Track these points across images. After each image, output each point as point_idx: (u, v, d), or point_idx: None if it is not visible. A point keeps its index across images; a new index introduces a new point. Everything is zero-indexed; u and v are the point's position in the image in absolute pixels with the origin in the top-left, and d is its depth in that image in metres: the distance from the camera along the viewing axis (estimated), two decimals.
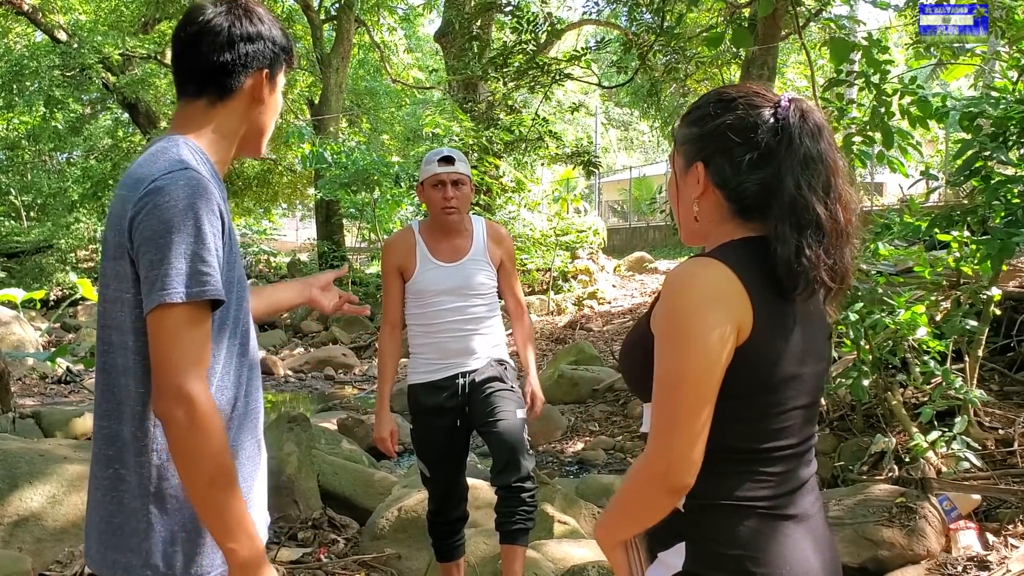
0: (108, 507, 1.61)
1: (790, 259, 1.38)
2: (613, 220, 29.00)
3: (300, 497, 4.71)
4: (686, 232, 1.55)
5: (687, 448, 1.34)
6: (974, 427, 4.80)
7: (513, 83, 11.84)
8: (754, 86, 1.51)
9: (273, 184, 24.86)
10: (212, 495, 1.53)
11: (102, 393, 1.63)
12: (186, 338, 1.50)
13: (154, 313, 1.50)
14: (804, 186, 1.39)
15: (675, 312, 1.36)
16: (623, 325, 11.68)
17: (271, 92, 1.76)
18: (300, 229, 36.89)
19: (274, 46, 1.74)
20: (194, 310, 1.51)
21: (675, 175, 1.55)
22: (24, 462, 4.16)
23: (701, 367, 1.33)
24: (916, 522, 3.93)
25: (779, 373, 1.40)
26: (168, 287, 1.49)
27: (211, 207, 1.54)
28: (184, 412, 1.48)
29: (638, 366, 1.48)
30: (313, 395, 10.60)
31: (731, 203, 1.45)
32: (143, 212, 1.52)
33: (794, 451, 1.44)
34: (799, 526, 1.43)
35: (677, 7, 10.34)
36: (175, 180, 1.53)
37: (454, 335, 3.40)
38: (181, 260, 1.50)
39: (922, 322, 4.66)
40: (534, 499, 3.33)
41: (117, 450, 1.61)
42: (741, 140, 1.42)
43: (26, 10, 18.04)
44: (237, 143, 1.76)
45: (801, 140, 1.40)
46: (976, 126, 4.74)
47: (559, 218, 14.72)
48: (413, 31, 26.04)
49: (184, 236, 1.51)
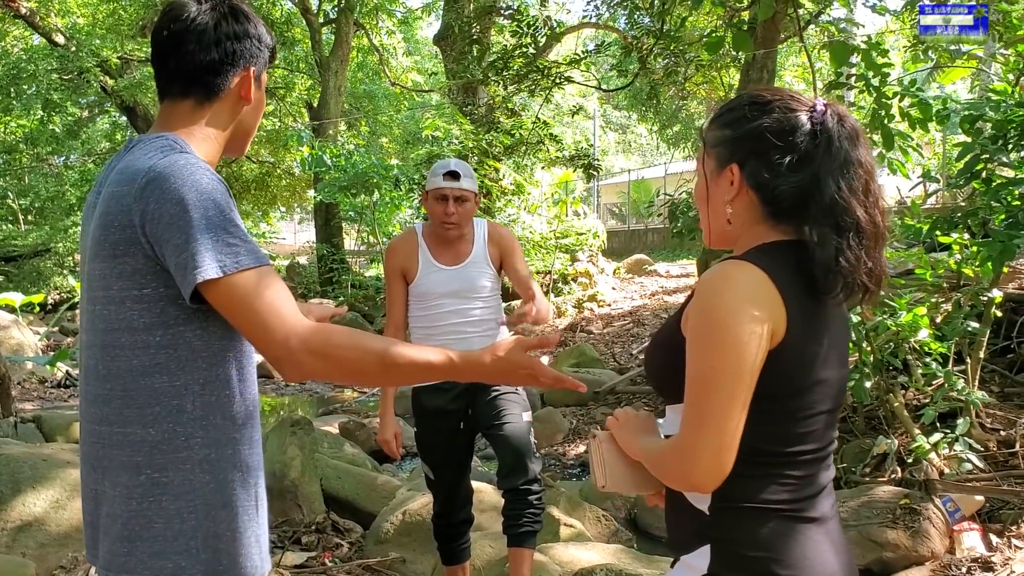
0: (146, 514, 1.55)
1: (830, 262, 1.39)
2: (612, 223, 29.01)
3: (304, 501, 4.72)
4: (716, 235, 1.54)
5: (715, 450, 1.34)
6: (976, 428, 4.81)
7: (513, 86, 11.84)
8: (786, 90, 1.52)
9: (271, 187, 24.88)
10: (399, 374, 1.59)
11: (119, 399, 1.56)
12: (260, 302, 1.47)
13: (208, 293, 1.47)
14: (844, 189, 1.40)
15: (710, 313, 1.36)
16: (623, 327, 11.69)
17: (257, 90, 1.73)
18: (299, 232, 36.87)
19: (260, 44, 1.71)
20: (252, 274, 1.48)
21: (705, 178, 1.54)
22: (27, 467, 4.16)
23: (735, 368, 1.34)
24: (920, 524, 3.94)
25: (808, 377, 1.41)
26: (202, 264, 1.45)
27: (215, 182, 1.52)
28: (312, 357, 1.48)
29: (667, 367, 1.49)
30: (313, 398, 10.60)
31: (766, 205, 1.45)
32: (152, 201, 1.48)
33: (817, 455, 1.45)
34: (819, 528, 1.44)
35: (677, 11, 10.36)
36: (175, 163, 1.51)
37: (456, 337, 3.41)
38: (206, 236, 1.46)
39: (923, 324, 4.67)
40: (541, 502, 3.34)
41: (147, 455, 1.55)
42: (779, 142, 1.42)
43: (24, 13, 18.01)
44: (228, 143, 1.73)
45: (840, 143, 1.41)
46: (977, 129, 4.76)
47: (558, 221, 14.72)
48: (412, 34, 26.05)
49: (201, 212, 1.47)
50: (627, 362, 9.69)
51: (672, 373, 1.44)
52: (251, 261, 1.48)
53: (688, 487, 1.41)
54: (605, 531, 4.73)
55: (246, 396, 1.61)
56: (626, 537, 4.76)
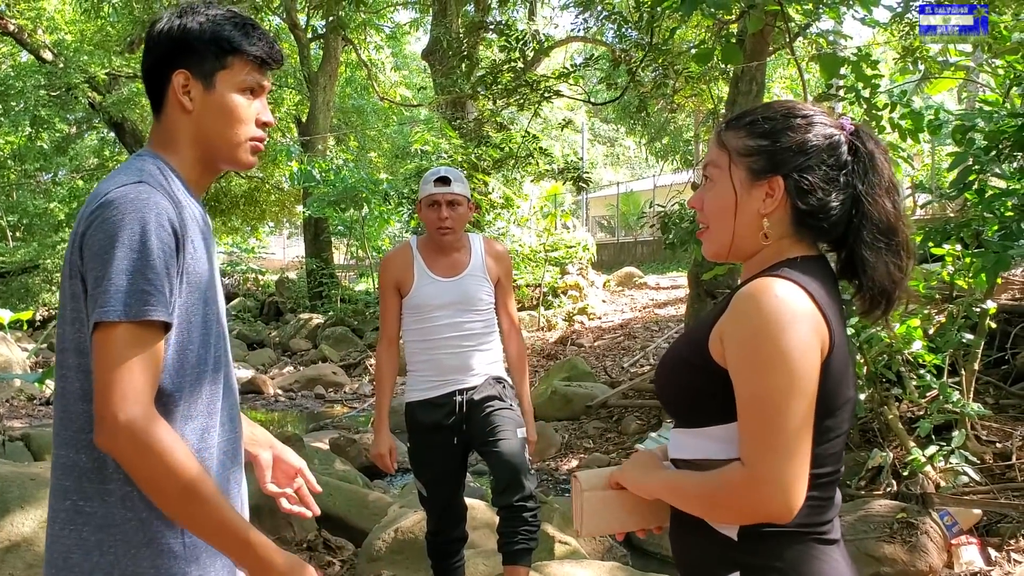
0: (65, 542, 1.48)
1: (884, 280, 1.39)
2: (601, 235, 29.05)
3: (294, 519, 4.65)
4: (735, 248, 1.48)
5: (794, 477, 1.29)
6: (972, 441, 4.79)
7: (502, 101, 11.85)
8: (812, 104, 1.50)
9: (260, 202, 24.79)
10: (192, 512, 1.41)
11: (60, 420, 1.51)
12: (127, 362, 1.38)
13: (95, 333, 1.40)
14: (893, 208, 1.40)
15: (765, 333, 1.31)
16: (614, 340, 11.66)
17: (206, 92, 1.56)
18: (288, 247, 36.78)
19: (196, 40, 1.55)
20: (137, 331, 1.39)
21: (732, 187, 1.46)
22: (15, 486, 4.10)
23: (803, 389, 1.30)
24: (918, 538, 3.91)
25: (842, 395, 1.38)
26: (107, 304, 1.38)
27: (161, 222, 1.43)
28: (127, 439, 1.37)
29: (689, 388, 1.44)
30: (303, 414, 10.52)
31: (807, 220, 1.42)
32: (92, 227, 1.43)
33: (835, 476, 1.42)
34: (838, 550, 1.42)
35: (666, 23, 10.38)
36: (125, 194, 1.43)
37: (451, 351, 3.38)
38: (122, 276, 1.39)
39: (917, 336, 4.66)
40: (536, 519, 3.30)
41: (75, 480, 1.48)
42: (828, 157, 1.41)
43: (12, 30, 17.96)
44: (201, 156, 1.60)
45: (883, 162, 1.42)
46: (969, 139, 4.76)
47: (548, 233, 14.72)
48: (400, 49, 26.10)
49: (127, 251, 1.39)
50: (619, 375, 9.66)
51: (695, 395, 1.41)
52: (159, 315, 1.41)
53: (762, 518, 1.34)
54: (600, 548, 4.69)
55: (188, 437, 1.50)
56: (621, 554, 4.71)
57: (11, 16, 18.12)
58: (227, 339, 1.66)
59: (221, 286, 1.69)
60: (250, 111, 1.61)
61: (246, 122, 1.60)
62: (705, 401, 1.39)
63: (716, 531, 1.40)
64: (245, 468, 1.72)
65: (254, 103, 1.62)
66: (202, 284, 1.53)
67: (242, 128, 1.60)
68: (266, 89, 1.65)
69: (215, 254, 1.65)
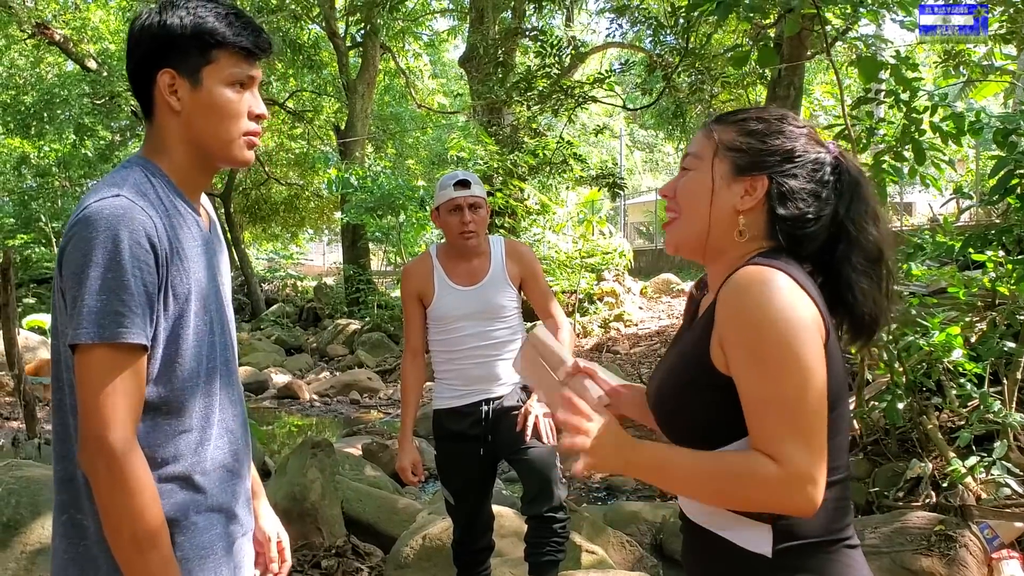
0: (63, 556, 1.47)
1: (872, 307, 1.39)
2: (639, 242, 28.89)
3: (324, 524, 4.65)
4: (697, 242, 1.45)
5: (823, 471, 1.27)
6: (1014, 452, 4.66)
7: (537, 107, 11.84)
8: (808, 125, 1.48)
9: (300, 209, 25.10)
10: (134, 559, 1.38)
11: (57, 434, 1.50)
12: (108, 386, 1.35)
13: (76, 355, 1.37)
14: (880, 234, 1.40)
15: (769, 327, 1.28)
16: (651, 347, 11.57)
17: (194, 90, 1.49)
18: (327, 253, 37.11)
19: (178, 36, 1.47)
20: (114, 353, 1.36)
21: (711, 178, 1.43)
22: (47, 489, 4.13)
23: (818, 381, 1.28)
24: (956, 551, 3.80)
25: (841, 387, 1.35)
26: (80, 326, 1.34)
27: (137, 238, 1.37)
28: (104, 465, 1.35)
29: (700, 411, 1.39)
30: (338, 419, 10.57)
31: (783, 226, 1.39)
32: (69, 245, 1.39)
33: (847, 475, 1.39)
34: (861, 555, 1.39)
35: (703, 29, 10.31)
36: (100, 210, 1.37)
37: (476, 361, 3.34)
38: (94, 298, 1.34)
39: (957, 344, 4.55)
40: (565, 530, 3.26)
41: (72, 495, 1.46)
42: (813, 172, 1.40)
43: (58, 40, 18.37)
44: (195, 158, 1.54)
45: (867, 191, 1.41)
46: (1011, 143, 4.64)
47: (584, 240, 14.67)
48: (438, 57, 26.24)
49: (100, 271, 1.35)
50: None
51: (709, 417, 1.36)
52: (134, 337, 1.37)
53: (789, 512, 1.29)
54: (630, 557, 4.62)
55: (181, 450, 1.47)
56: (651, 564, 4.64)
57: (57, 26, 18.51)
58: (232, 348, 1.61)
59: (229, 292, 1.65)
60: (241, 105, 1.54)
61: (238, 117, 1.53)
62: (719, 421, 1.35)
63: (747, 550, 1.35)
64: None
65: (245, 96, 1.55)
66: (194, 295, 1.48)
67: (234, 124, 1.53)
68: (256, 80, 1.57)
69: (221, 259, 1.61)
